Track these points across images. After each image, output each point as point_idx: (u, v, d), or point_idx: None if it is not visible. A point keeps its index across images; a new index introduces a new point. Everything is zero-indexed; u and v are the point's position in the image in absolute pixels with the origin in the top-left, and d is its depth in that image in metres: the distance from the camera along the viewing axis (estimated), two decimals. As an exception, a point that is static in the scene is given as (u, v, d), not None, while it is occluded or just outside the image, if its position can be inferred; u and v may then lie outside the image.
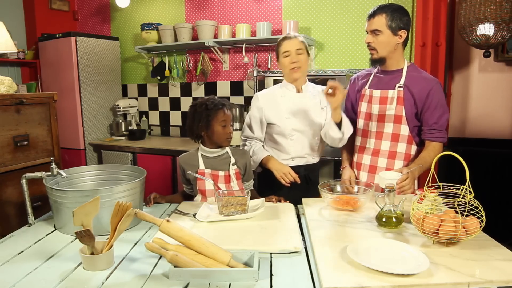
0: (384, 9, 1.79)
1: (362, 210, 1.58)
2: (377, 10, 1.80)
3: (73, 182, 1.70)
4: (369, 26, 1.83)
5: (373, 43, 1.83)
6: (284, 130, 1.96)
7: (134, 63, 4.29)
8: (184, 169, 1.83)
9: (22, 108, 2.46)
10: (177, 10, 3.96)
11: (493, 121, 3.01)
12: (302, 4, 3.44)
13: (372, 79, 1.96)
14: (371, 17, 1.81)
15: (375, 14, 1.80)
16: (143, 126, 4.22)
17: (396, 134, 1.87)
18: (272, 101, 1.99)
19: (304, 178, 1.98)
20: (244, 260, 1.14)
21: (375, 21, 1.79)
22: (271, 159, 1.94)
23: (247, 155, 1.91)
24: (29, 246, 1.33)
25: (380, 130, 1.90)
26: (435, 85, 1.81)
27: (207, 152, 1.81)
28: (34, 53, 4.00)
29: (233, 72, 3.81)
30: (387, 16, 1.77)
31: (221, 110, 1.76)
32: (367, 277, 1.02)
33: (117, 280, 1.07)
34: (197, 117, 1.76)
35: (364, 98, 1.96)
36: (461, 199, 1.18)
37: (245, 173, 1.88)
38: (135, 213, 1.15)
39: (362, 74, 2.06)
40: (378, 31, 1.79)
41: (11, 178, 2.37)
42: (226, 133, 1.77)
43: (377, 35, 1.81)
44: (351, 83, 2.09)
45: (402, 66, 1.87)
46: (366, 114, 1.94)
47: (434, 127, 1.81)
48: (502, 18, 2.40)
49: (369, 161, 1.95)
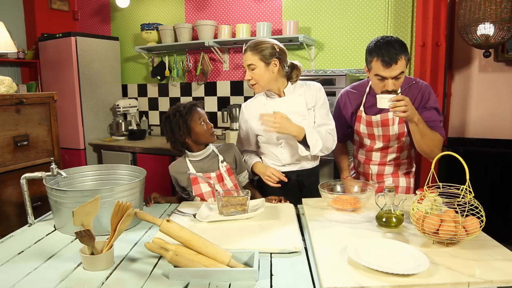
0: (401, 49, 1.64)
1: (362, 210, 1.58)
2: (397, 54, 1.62)
3: (73, 182, 1.69)
4: (391, 72, 1.65)
5: (395, 86, 1.69)
6: (270, 139, 1.89)
7: (134, 63, 4.29)
8: (176, 178, 1.83)
9: (22, 108, 2.45)
10: (177, 10, 3.96)
11: (493, 121, 3.01)
12: (302, 4, 3.44)
13: (366, 100, 1.91)
14: (393, 63, 1.63)
15: (397, 59, 1.62)
16: (143, 126, 4.22)
17: (400, 146, 1.91)
18: (255, 111, 1.91)
19: (297, 183, 1.94)
20: (244, 260, 1.14)
21: (399, 66, 1.64)
22: (257, 165, 1.91)
23: (233, 147, 1.90)
24: (29, 246, 1.33)
25: (386, 146, 1.91)
26: (427, 89, 1.82)
27: (194, 156, 1.80)
28: (34, 53, 4.00)
29: (233, 72, 3.81)
30: (405, 56, 1.65)
31: (195, 110, 1.76)
32: (367, 277, 1.01)
33: (117, 280, 1.07)
34: (175, 127, 1.74)
35: (361, 120, 1.92)
36: (461, 199, 1.18)
37: (237, 166, 1.88)
38: (135, 213, 1.15)
39: (352, 94, 1.96)
40: (401, 74, 1.66)
41: (11, 178, 2.37)
42: (208, 129, 1.77)
43: (398, 79, 1.68)
44: (341, 100, 2.00)
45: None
46: (369, 135, 1.92)
47: (431, 124, 1.80)
48: (502, 18, 2.40)
49: (376, 171, 1.98)
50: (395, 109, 1.58)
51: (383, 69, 1.65)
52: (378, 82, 1.71)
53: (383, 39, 1.68)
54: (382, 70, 1.65)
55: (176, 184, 1.86)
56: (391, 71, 1.64)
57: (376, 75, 1.69)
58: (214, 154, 1.83)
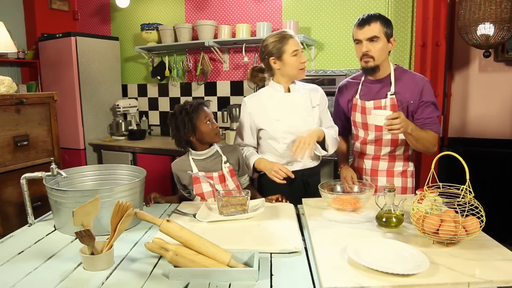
0: (377, 17, 1.76)
1: (362, 210, 1.58)
2: (372, 18, 1.75)
3: (73, 182, 1.69)
4: (365, 33, 1.76)
5: (370, 51, 1.77)
6: (275, 134, 1.88)
7: (134, 63, 4.29)
8: (178, 176, 1.82)
9: (22, 108, 2.46)
10: (177, 10, 3.96)
11: (493, 121, 3.01)
12: (302, 4, 3.44)
13: (362, 88, 1.93)
14: (366, 24, 1.75)
15: (370, 21, 1.75)
16: (143, 126, 4.22)
17: (395, 139, 1.88)
18: (259, 105, 1.92)
19: (302, 183, 1.94)
20: (244, 260, 1.14)
21: (372, 28, 1.74)
22: (262, 161, 1.87)
23: (238, 150, 1.90)
24: (29, 246, 1.33)
25: (379, 137, 1.90)
26: (425, 84, 1.81)
27: (198, 155, 1.80)
28: (34, 53, 4.00)
29: (233, 72, 3.81)
30: (382, 23, 1.75)
31: (201, 109, 1.75)
32: (367, 277, 1.01)
33: (117, 280, 1.07)
34: (180, 124, 1.73)
35: (357, 108, 1.93)
36: (461, 199, 1.18)
37: (239, 168, 1.87)
38: (135, 213, 1.15)
39: (349, 83, 2.02)
40: (376, 37, 1.75)
41: (11, 178, 2.37)
42: (214, 129, 1.76)
43: (374, 42, 1.76)
44: (339, 91, 2.06)
45: (389, 71, 1.86)
46: (363, 124, 1.93)
47: (427, 121, 1.81)
48: (502, 18, 2.40)
49: (370, 166, 1.96)
50: (391, 127, 1.59)
51: (357, 30, 1.79)
52: (356, 47, 1.83)
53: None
54: (357, 32, 1.79)
55: (177, 182, 1.86)
56: (364, 32, 1.76)
57: (354, 40, 1.83)
58: (218, 154, 1.83)
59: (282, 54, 1.82)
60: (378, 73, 1.86)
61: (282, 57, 1.83)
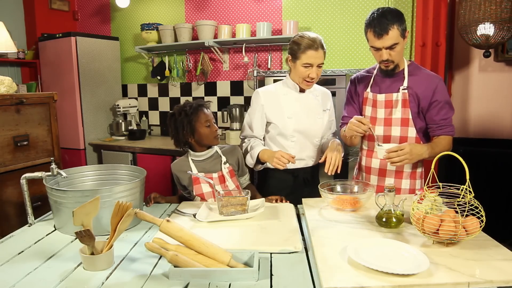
0: (392, 20, 1.66)
1: (362, 210, 1.58)
2: (389, 24, 1.65)
3: (73, 182, 1.70)
4: (384, 43, 1.69)
5: (390, 56, 1.72)
6: (285, 130, 1.90)
7: (134, 63, 4.29)
8: (178, 177, 1.82)
9: (22, 108, 2.46)
10: (177, 10, 3.96)
11: (493, 121, 3.01)
12: (302, 4, 3.44)
13: (373, 81, 1.92)
14: (384, 34, 1.66)
15: (387, 29, 1.65)
16: (143, 126, 4.22)
17: (404, 137, 1.84)
18: (274, 99, 1.92)
19: (303, 181, 1.95)
20: (244, 260, 1.14)
21: (391, 36, 1.66)
22: (266, 151, 1.83)
23: (237, 150, 1.90)
24: (29, 246, 1.33)
25: (388, 133, 1.86)
26: (439, 83, 1.79)
27: (197, 156, 1.80)
28: (34, 53, 4.00)
29: (233, 72, 3.81)
30: (398, 25, 1.67)
31: (201, 111, 1.74)
32: (367, 277, 1.01)
33: (117, 280, 1.07)
34: (179, 125, 1.73)
35: (367, 102, 1.91)
36: (461, 199, 1.18)
37: (239, 168, 1.87)
38: (135, 213, 1.15)
39: (361, 75, 2.00)
40: (395, 44, 1.69)
41: (11, 178, 2.37)
42: (213, 132, 1.75)
43: (393, 49, 1.70)
44: (351, 84, 2.04)
45: (403, 66, 1.83)
46: (372, 118, 1.89)
47: (442, 123, 1.78)
48: (502, 18, 2.40)
49: (378, 165, 1.91)
50: (391, 160, 1.62)
51: (376, 40, 1.70)
52: (374, 52, 1.78)
53: (378, 10, 1.73)
54: (375, 41, 1.71)
55: (177, 182, 1.86)
56: (383, 42, 1.69)
57: (372, 47, 1.76)
58: (218, 155, 1.83)
59: (296, 59, 1.83)
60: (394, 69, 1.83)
61: (295, 62, 1.85)
